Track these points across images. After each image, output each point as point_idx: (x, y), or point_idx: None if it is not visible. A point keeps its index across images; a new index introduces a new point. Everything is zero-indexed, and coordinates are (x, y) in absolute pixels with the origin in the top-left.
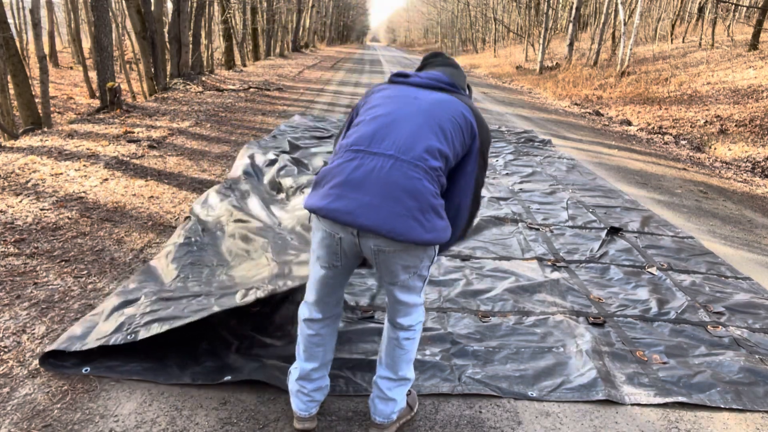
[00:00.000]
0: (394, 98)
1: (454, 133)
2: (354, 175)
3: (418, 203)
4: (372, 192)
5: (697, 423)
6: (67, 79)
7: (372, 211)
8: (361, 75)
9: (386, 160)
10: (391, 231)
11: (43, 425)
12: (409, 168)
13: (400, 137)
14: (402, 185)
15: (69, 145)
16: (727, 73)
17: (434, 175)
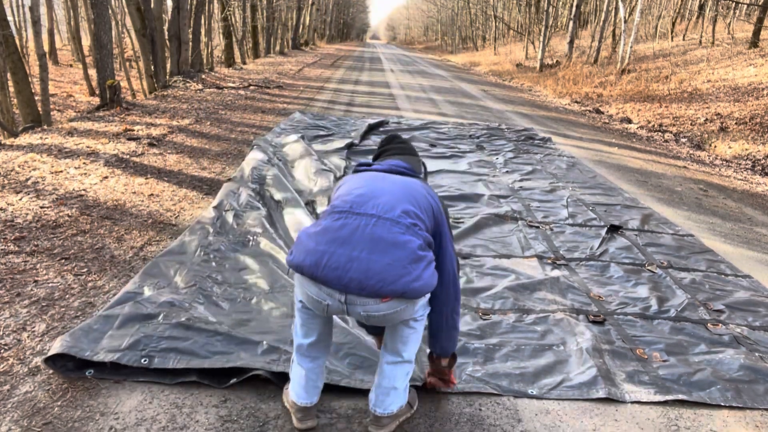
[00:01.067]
0: (366, 179)
1: (425, 205)
2: (340, 233)
3: (406, 253)
4: (359, 247)
5: (697, 420)
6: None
7: (361, 264)
8: (361, 73)
9: (369, 219)
10: (380, 281)
11: (43, 423)
12: (392, 224)
13: (380, 202)
14: (387, 239)
15: (69, 142)
16: (728, 70)
17: (416, 230)
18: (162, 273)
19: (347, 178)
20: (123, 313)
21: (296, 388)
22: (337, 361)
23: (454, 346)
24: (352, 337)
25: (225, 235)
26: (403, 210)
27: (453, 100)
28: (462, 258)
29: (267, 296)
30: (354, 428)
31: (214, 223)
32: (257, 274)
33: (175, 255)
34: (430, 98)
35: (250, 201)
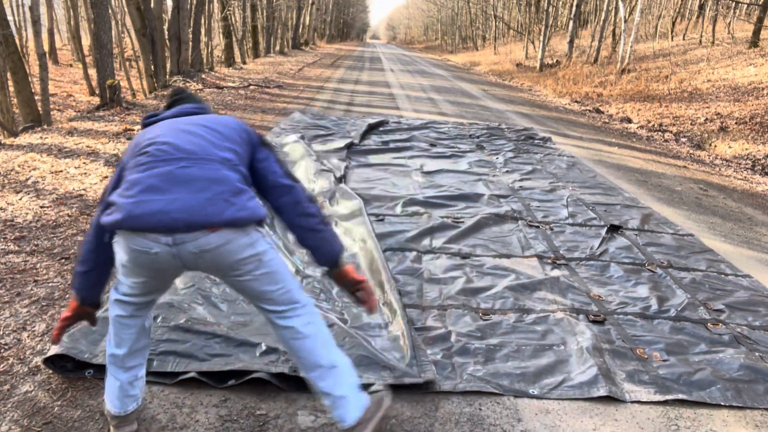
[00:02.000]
0: (162, 126)
1: (233, 135)
2: (152, 182)
3: (226, 187)
4: (176, 190)
5: (697, 420)
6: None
7: (183, 204)
8: (362, 72)
9: (179, 161)
10: (205, 215)
11: (43, 422)
12: (205, 162)
13: (186, 142)
14: (204, 176)
15: (69, 142)
16: (728, 70)
17: (230, 165)
18: None
19: (141, 132)
20: None
21: (110, 397)
22: None
23: (331, 247)
24: (349, 338)
25: None
26: (213, 146)
27: (453, 99)
28: (462, 258)
29: None
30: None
31: None
32: None
33: None
34: (430, 98)
35: None
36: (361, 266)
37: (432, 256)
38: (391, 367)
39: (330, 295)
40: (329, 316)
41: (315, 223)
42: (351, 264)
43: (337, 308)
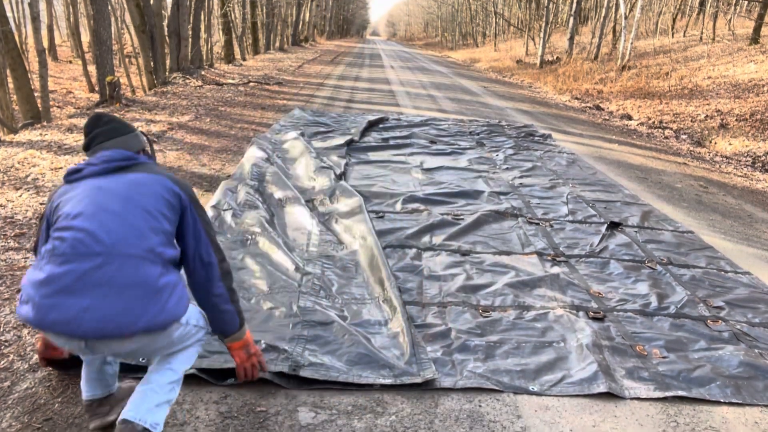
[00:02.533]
0: (85, 197)
1: (159, 204)
2: (65, 282)
3: (143, 290)
4: (89, 294)
5: (696, 417)
6: (66, 73)
7: (95, 314)
8: (361, 69)
9: (96, 258)
10: (118, 326)
11: (44, 419)
12: (123, 260)
13: (105, 231)
14: (120, 280)
15: (68, 139)
16: (728, 67)
17: (153, 256)
18: None
19: (66, 195)
20: None
21: (84, 384)
22: (336, 358)
23: (235, 320)
24: (349, 335)
25: (223, 234)
26: (133, 233)
27: (453, 96)
28: (462, 255)
29: (266, 296)
30: (354, 424)
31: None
32: (256, 275)
33: None
34: (430, 95)
35: (248, 200)
36: (361, 263)
37: (432, 253)
38: (391, 365)
39: (330, 292)
40: (329, 314)
41: (220, 302)
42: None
43: (336, 305)
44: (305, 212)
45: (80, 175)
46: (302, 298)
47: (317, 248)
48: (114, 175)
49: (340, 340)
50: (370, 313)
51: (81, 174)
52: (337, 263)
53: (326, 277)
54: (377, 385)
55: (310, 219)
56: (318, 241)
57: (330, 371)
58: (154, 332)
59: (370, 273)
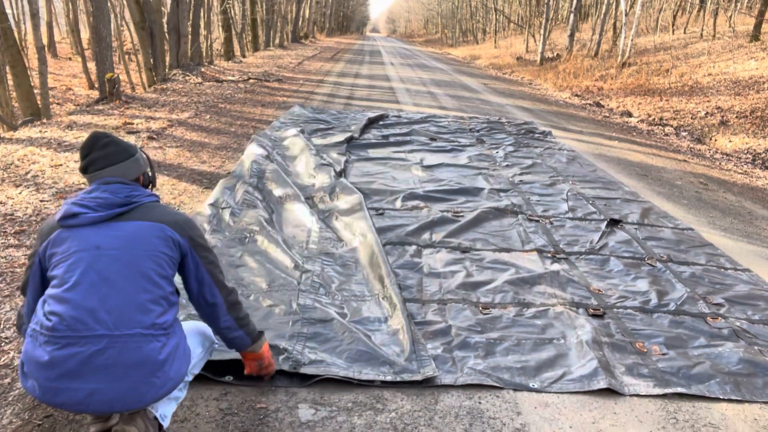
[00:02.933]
0: (76, 257)
1: (160, 265)
2: (69, 366)
3: (148, 369)
4: (95, 378)
5: (695, 414)
6: (65, 69)
7: (102, 396)
8: (361, 66)
9: (99, 341)
10: (126, 404)
11: (44, 415)
12: (126, 341)
13: (105, 309)
14: (124, 362)
15: (68, 136)
16: (729, 64)
17: (155, 329)
18: None
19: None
20: None
21: None
22: (335, 356)
23: (245, 341)
24: (349, 333)
25: (221, 232)
26: (134, 311)
27: (453, 93)
28: (461, 252)
29: (265, 294)
30: (354, 421)
31: (210, 221)
32: (255, 272)
33: None
34: (430, 92)
35: (247, 198)
36: (361, 261)
37: (432, 250)
38: (391, 363)
39: (329, 289)
40: (328, 311)
41: (228, 332)
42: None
43: (336, 302)
44: (305, 210)
45: (77, 221)
46: (302, 296)
47: (317, 245)
48: (112, 223)
49: (340, 338)
50: (370, 310)
51: (77, 220)
52: (337, 260)
53: (326, 274)
54: (378, 382)
55: (309, 216)
56: (318, 238)
57: (330, 367)
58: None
59: (370, 270)
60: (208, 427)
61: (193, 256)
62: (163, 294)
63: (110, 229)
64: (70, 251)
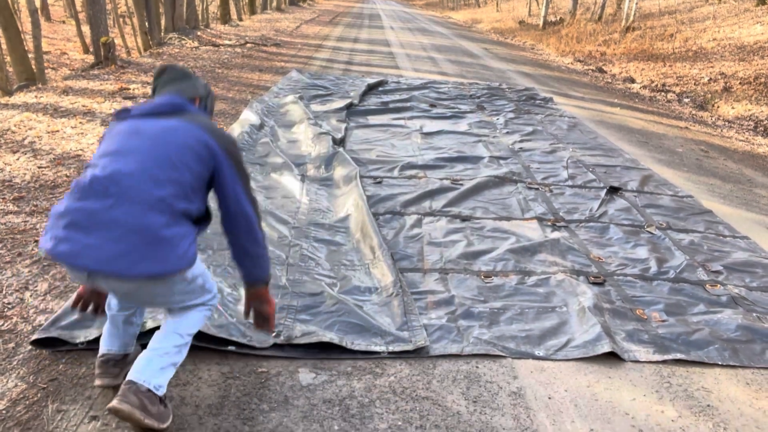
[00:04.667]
0: (120, 138)
1: (185, 157)
2: (77, 217)
3: (144, 237)
4: (95, 233)
5: (689, 378)
6: (59, 33)
7: (96, 252)
8: (360, 30)
9: (107, 200)
10: (117, 269)
11: (49, 379)
12: (132, 205)
13: (125, 174)
14: (125, 223)
15: (64, 101)
16: (734, 28)
17: (162, 206)
18: None
19: (110, 132)
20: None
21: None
22: (327, 328)
23: (261, 271)
24: (340, 305)
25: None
26: (148, 181)
27: (454, 58)
28: (462, 220)
29: None
30: (353, 384)
31: None
32: None
33: None
34: (431, 57)
35: None
36: (351, 230)
37: (432, 218)
38: (382, 333)
39: (318, 261)
40: (318, 283)
41: (257, 249)
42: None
43: (325, 273)
44: (295, 181)
45: (127, 114)
46: (290, 270)
47: (306, 216)
48: (156, 119)
49: (331, 309)
50: (361, 280)
51: (128, 114)
52: (328, 231)
53: (315, 245)
54: (372, 353)
55: (299, 187)
56: (307, 209)
57: (322, 339)
58: (151, 280)
59: (362, 239)
60: (210, 391)
61: (229, 168)
62: (181, 180)
63: (154, 121)
64: (113, 132)
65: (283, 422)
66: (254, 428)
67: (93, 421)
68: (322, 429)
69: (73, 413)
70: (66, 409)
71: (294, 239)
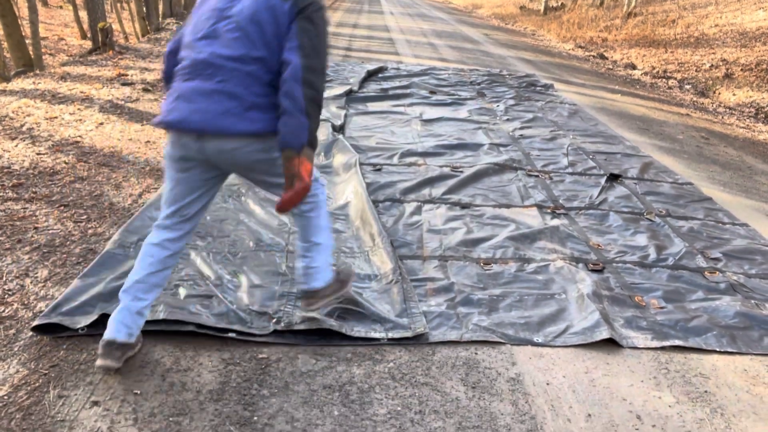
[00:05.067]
0: (204, 16)
1: (275, 26)
2: (183, 91)
3: (240, 103)
4: (199, 101)
5: (687, 364)
6: (57, 19)
7: (202, 116)
8: (360, 15)
9: (207, 74)
10: (220, 127)
11: (50, 365)
12: (229, 76)
13: (215, 59)
14: (224, 90)
15: (62, 87)
16: (736, 14)
17: (253, 77)
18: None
19: (196, 8)
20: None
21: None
22: (327, 314)
23: (289, 136)
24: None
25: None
26: (241, 52)
27: (454, 44)
28: (461, 208)
29: (253, 255)
30: (353, 370)
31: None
32: (241, 233)
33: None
34: (431, 43)
35: None
36: (351, 217)
37: (431, 206)
38: (382, 320)
39: None
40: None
41: (287, 105)
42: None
43: None
44: None
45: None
46: (290, 257)
47: None
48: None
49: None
50: (361, 267)
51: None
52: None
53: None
54: (371, 339)
55: None
56: None
57: (323, 325)
58: (251, 137)
59: (361, 227)
60: (211, 377)
61: (298, 23)
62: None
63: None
64: (200, 9)
65: (284, 407)
66: (255, 413)
67: (94, 406)
68: (322, 414)
69: (74, 398)
70: (67, 394)
71: (294, 226)
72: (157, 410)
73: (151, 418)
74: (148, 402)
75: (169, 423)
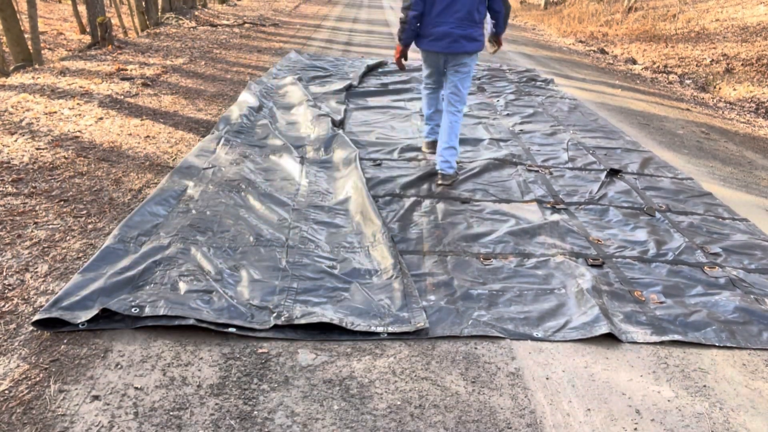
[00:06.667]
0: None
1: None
2: (436, 18)
3: (472, 29)
4: (450, 23)
5: (686, 359)
6: (55, 13)
7: (450, 37)
8: (360, 10)
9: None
10: (459, 46)
11: (50, 360)
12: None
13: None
14: (464, 18)
15: (62, 82)
16: (737, 9)
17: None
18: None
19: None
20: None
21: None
22: (327, 309)
23: (503, 28)
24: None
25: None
26: (467, 12)
27: None
28: (461, 203)
29: (253, 250)
30: (353, 365)
31: (195, 174)
32: (242, 228)
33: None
34: None
35: (234, 150)
36: (351, 213)
37: (431, 201)
38: (382, 314)
39: (318, 243)
40: (318, 265)
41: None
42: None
43: (325, 255)
44: (294, 163)
45: None
46: (290, 252)
47: (306, 198)
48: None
49: (331, 294)
50: (361, 262)
51: None
52: (327, 213)
53: (315, 227)
54: (371, 334)
55: (299, 170)
56: (307, 191)
57: (323, 319)
58: (471, 53)
59: (362, 222)
60: (211, 371)
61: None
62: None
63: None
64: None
65: (284, 402)
66: (255, 408)
67: (95, 400)
68: (322, 409)
69: (75, 393)
70: (68, 389)
71: (294, 221)
72: (158, 405)
73: (152, 412)
74: (149, 396)
75: (169, 417)
